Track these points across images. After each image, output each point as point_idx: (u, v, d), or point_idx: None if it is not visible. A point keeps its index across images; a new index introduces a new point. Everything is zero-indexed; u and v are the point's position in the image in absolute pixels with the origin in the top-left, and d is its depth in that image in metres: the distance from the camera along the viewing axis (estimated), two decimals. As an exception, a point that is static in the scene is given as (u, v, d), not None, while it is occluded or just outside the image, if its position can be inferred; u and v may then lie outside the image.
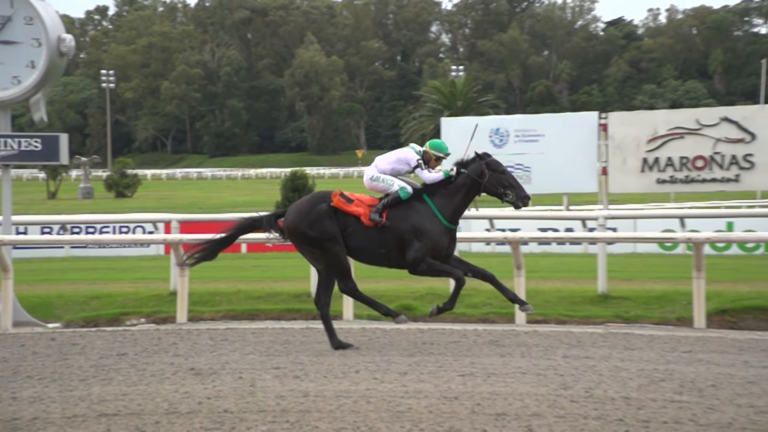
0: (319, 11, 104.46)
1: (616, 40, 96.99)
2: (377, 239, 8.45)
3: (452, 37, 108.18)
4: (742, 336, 9.16)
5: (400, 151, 8.89)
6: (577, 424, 5.61)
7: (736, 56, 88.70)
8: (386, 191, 8.62)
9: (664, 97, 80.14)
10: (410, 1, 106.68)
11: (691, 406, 5.99)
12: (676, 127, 13.38)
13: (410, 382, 6.92)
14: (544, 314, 10.95)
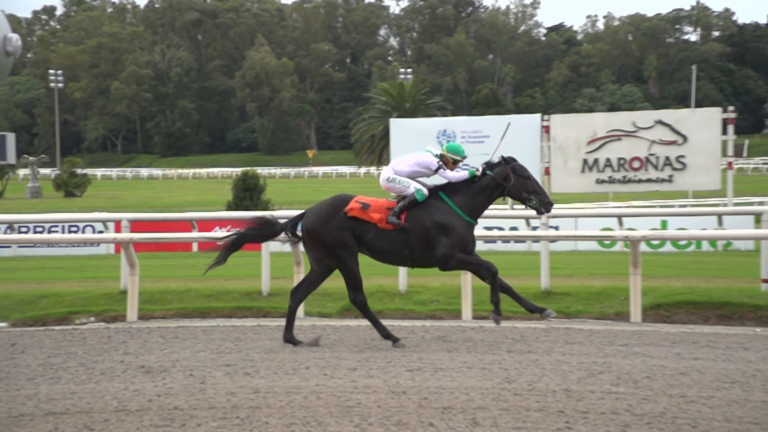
0: (269, 14, 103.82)
1: (557, 45, 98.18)
2: (400, 241, 8.37)
3: (400, 40, 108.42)
4: (675, 329, 9.34)
5: (418, 155, 8.81)
6: (520, 416, 5.66)
7: (669, 62, 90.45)
8: (402, 193, 8.57)
9: (602, 100, 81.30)
10: (359, 5, 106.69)
11: (627, 397, 6.09)
12: (614, 130, 13.63)
13: (359, 378, 6.92)
14: (488, 309, 11.01)
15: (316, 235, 8.40)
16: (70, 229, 20.99)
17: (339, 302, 11.44)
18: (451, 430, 5.42)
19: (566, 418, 5.58)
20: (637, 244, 10.33)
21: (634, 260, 10.17)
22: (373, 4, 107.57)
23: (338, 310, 11.12)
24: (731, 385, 6.44)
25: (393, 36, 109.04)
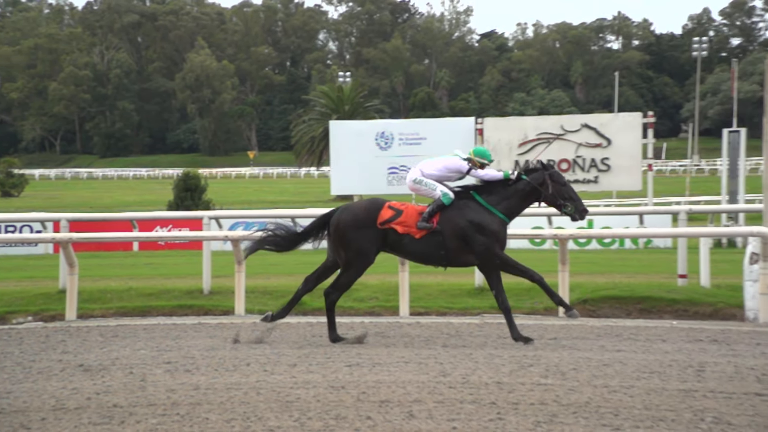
0: (209, 17, 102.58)
1: (489, 51, 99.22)
2: (435, 243, 8.25)
3: (339, 44, 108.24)
4: (600, 323, 9.53)
5: (446, 159, 8.72)
6: (454, 408, 5.70)
7: (594, 68, 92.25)
8: (428, 195, 8.51)
9: (532, 104, 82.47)
10: (298, 10, 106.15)
11: (555, 388, 6.17)
12: (543, 133, 13.81)
13: (299, 374, 6.89)
14: (425, 306, 11.10)
15: (344, 236, 8.29)
16: (7, 228, 20.42)
17: (279, 300, 11.37)
18: (388, 422, 5.43)
19: (498, 409, 5.64)
20: (565, 242, 10.51)
21: (562, 258, 10.34)
22: (312, 9, 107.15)
23: (278, 308, 11.04)
24: (650, 375, 6.58)
25: (332, 40, 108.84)
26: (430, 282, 12.33)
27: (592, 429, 5.17)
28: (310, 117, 53.98)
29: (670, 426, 5.21)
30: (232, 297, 10.72)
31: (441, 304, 11.26)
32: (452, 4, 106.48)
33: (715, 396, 5.89)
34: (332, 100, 52.78)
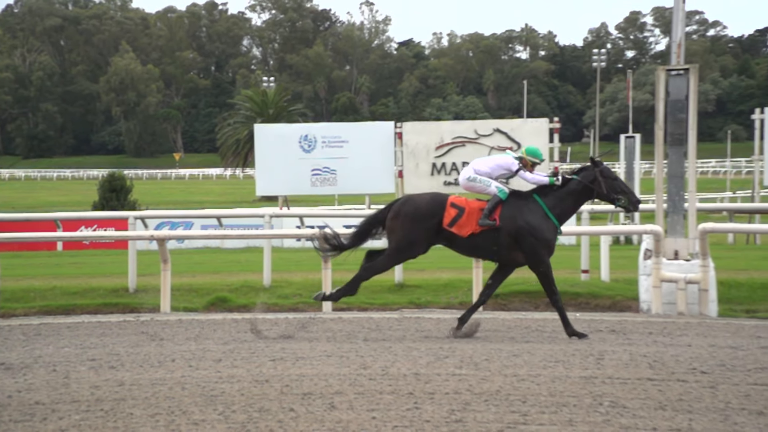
0: (133, 22, 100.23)
1: (407, 58, 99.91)
2: (491, 238, 8.13)
3: (263, 50, 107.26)
4: (510, 316, 9.69)
5: (498, 156, 8.63)
6: (373, 399, 5.71)
7: (504, 76, 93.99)
8: (483, 191, 8.38)
9: (448, 110, 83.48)
10: (222, 16, 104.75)
11: (469, 378, 6.24)
12: (458, 137, 13.95)
13: (224, 368, 6.79)
14: (347, 302, 11.07)
15: (401, 225, 8.17)
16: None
17: (205, 297, 11.23)
18: (310, 414, 5.41)
19: (415, 399, 5.68)
20: (478, 241, 10.63)
21: (476, 255, 10.46)
22: (236, 15, 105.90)
23: (204, 305, 10.90)
24: (555, 363, 6.71)
25: (256, 46, 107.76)
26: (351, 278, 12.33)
27: (502, 416, 5.25)
28: (235, 120, 53.30)
29: (572, 411, 5.33)
30: (158, 295, 10.51)
31: (362, 300, 11.26)
32: (371, 14, 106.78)
33: (613, 382, 6.05)
34: (257, 104, 52.25)
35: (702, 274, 9.75)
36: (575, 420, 5.12)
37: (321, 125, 17.02)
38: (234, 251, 17.72)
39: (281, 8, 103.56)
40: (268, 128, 18.29)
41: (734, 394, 5.63)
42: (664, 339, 7.87)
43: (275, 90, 56.46)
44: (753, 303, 10.23)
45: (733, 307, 10.11)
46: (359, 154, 13.94)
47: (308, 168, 14.52)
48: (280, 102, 52.90)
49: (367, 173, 14.05)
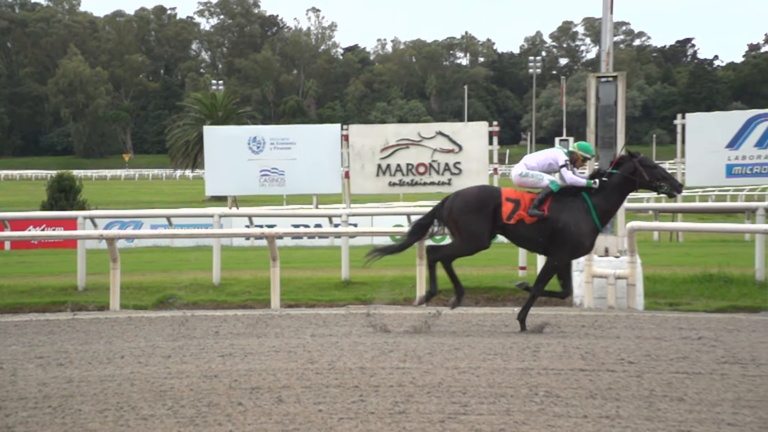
0: (81, 25, 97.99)
1: (353, 63, 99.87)
2: (538, 229, 8.08)
3: (211, 54, 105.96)
4: (452, 312, 9.66)
5: (549, 151, 8.53)
6: (320, 392, 5.70)
7: (446, 82, 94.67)
8: (536, 185, 8.27)
9: (393, 113, 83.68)
10: (171, 21, 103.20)
11: (412, 371, 6.26)
12: (403, 139, 14.00)
13: (173, 364, 6.70)
14: (295, 299, 11.04)
15: (457, 221, 8.19)
16: None
17: (155, 295, 11.05)
18: (259, 407, 5.37)
19: (360, 392, 5.68)
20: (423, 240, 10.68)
21: (419, 253, 10.47)
22: (184, 20, 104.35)
23: (153, 303, 10.73)
24: (494, 356, 6.77)
25: (204, 50, 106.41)
26: (300, 276, 12.29)
27: (443, 406, 5.28)
28: (184, 122, 52.56)
29: (510, 401, 5.40)
30: (107, 293, 10.30)
31: (310, 296, 11.23)
32: (318, 20, 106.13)
33: (547, 373, 6.14)
34: (206, 106, 51.62)
35: (630, 270, 9.95)
36: (512, 409, 5.18)
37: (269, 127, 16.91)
38: (183, 250, 17.47)
39: (229, 13, 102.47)
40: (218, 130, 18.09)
41: (658, 383, 5.78)
42: (595, 332, 8.01)
43: (224, 93, 55.89)
44: (676, 297, 10.49)
45: (658, 301, 10.35)
46: (307, 156, 13.88)
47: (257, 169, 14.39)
48: (229, 104, 52.38)
49: (315, 174, 13.99)
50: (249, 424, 5.00)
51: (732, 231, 14.69)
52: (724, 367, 6.25)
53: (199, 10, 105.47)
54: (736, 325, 8.19)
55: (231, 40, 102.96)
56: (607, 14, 10.95)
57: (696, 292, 10.62)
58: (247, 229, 16.87)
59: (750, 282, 10.72)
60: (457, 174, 13.79)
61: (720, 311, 9.70)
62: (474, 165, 13.90)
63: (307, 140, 14.30)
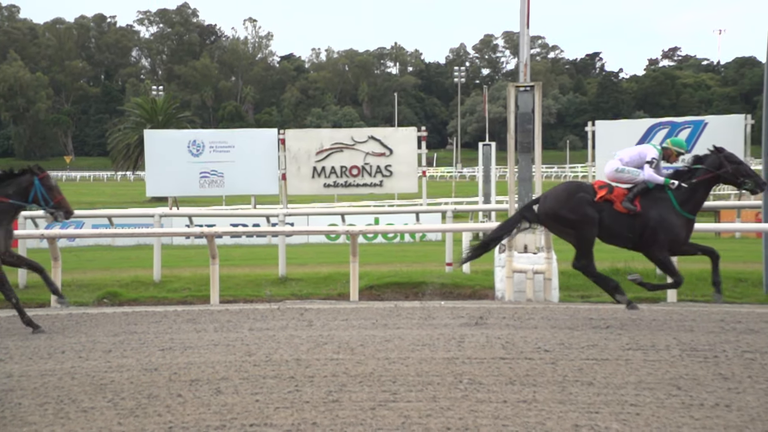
0: (20, 32, 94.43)
1: (289, 71, 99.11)
2: (627, 224, 7.82)
3: (151, 61, 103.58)
4: (384, 305, 9.72)
5: (642, 146, 8.26)
6: (257, 384, 5.64)
7: (377, 89, 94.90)
8: (631, 181, 7.97)
9: (327, 118, 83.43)
10: (111, 28, 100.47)
11: (345, 362, 6.24)
12: (337, 143, 13.99)
13: (114, 359, 6.53)
14: (234, 295, 10.90)
15: (557, 216, 7.95)
16: None
17: (95, 292, 10.76)
18: (198, 398, 5.28)
19: (296, 383, 5.64)
20: (355, 237, 10.70)
21: (353, 250, 10.50)
22: (124, 28, 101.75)
23: (95, 300, 10.44)
24: (422, 347, 6.79)
25: (144, 57, 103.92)
26: (238, 273, 12.15)
27: (374, 395, 5.30)
28: (125, 126, 51.30)
29: (436, 388, 5.44)
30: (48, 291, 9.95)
31: (248, 292, 11.11)
32: (255, 29, 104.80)
33: (471, 362, 6.19)
34: (146, 111, 50.49)
35: (546, 265, 10.16)
36: (438, 396, 5.23)
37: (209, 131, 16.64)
38: (125, 249, 17.06)
39: (168, 22, 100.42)
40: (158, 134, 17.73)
41: (570, 369, 5.91)
42: (515, 323, 8.12)
43: (164, 98, 54.77)
44: (587, 290, 10.74)
45: (571, 294, 10.59)
46: (245, 159, 13.76)
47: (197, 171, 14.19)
48: (169, 109, 51.36)
49: (253, 176, 13.88)
50: (188, 415, 4.91)
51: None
52: (628, 353, 6.42)
53: (138, 19, 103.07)
54: (638, 315, 8.43)
55: (170, 47, 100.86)
56: (524, 29, 11.16)
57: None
58: (187, 228, 16.57)
59: (651, 275, 11.07)
60: (388, 176, 13.86)
61: (626, 302, 9.98)
62: (404, 168, 13.99)
63: (246, 144, 14.17)
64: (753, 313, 8.60)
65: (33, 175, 8.12)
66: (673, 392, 5.19)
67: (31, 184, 8.06)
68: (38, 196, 8.03)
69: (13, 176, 8.09)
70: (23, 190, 8.02)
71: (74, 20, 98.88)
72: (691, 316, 8.31)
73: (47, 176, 8.20)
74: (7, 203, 7.93)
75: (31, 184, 8.06)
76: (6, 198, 7.92)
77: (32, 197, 8.03)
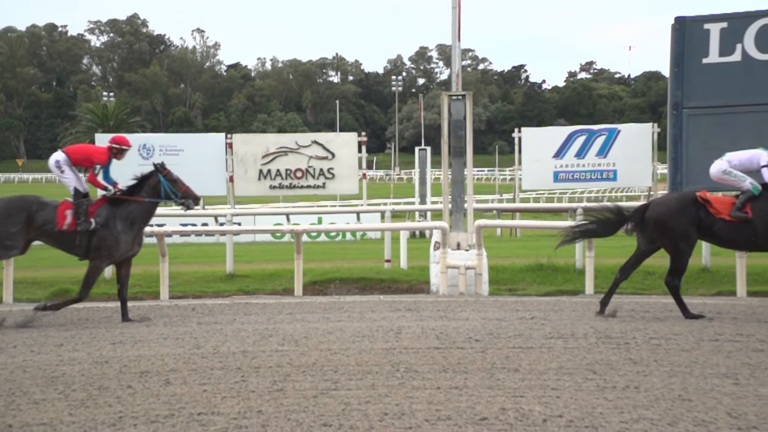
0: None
1: (235, 79, 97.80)
2: (745, 230, 7.51)
3: (102, 68, 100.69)
4: (326, 300, 9.71)
5: (752, 151, 7.81)
6: (205, 375, 5.55)
7: (320, 97, 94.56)
8: (735, 185, 7.69)
9: (272, 124, 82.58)
10: (62, 37, 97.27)
11: (289, 353, 6.19)
12: (282, 147, 13.91)
13: (65, 352, 6.32)
14: (183, 291, 10.71)
15: (665, 225, 7.56)
16: None
17: (47, 289, 10.42)
18: (147, 389, 5.16)
19: (242, 373, 5.57)
20: (300, 236, 10.65)
21: (297, 248, 10.45)
22: (75, 37, 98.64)
23: (47, 296, 10.10)
24: (362, 338, 6.78)
25: (95, 65, 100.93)
26: (188, 270, 11.94)
27: (317, 383, 5.27)
28: (77, 130, 49.90)
29: (375, 377, 5.43)
30: (0, 287, 9.60)
31: (197, 288, 10.93)
32: (203, 39, 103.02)
33: (408, 351, 6.20)
34: (98, 116, 49.29)
35: (477, 261, 10.29)
36: (377, 384, 5.23)
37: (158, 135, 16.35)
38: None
39: (119, 32, 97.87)
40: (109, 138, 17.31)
41: (498, 357, 5.98)
42: (448, 315, 8.18)
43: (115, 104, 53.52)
44: (514, 283, 10.95)
45: (500, 287, 10.75)
46: (194, 161, 13.57)
47: (147, 173, 13.91)
48: (120, 114, 50.22)
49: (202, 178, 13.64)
50: (138, 405, 4.79)
51: (558, 227, 15.48)
52: (551, 341, 6.54)
53: (89, 28, 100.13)
54: (560, 306, 8.62)
55: (121, 56, 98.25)
56: (455, 42, 11.30)
57: (530, 279, 11.13)
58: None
59: (572, 270, 11.35)
60: (330, 178, 13.84)
61: (548, 295, 10.21)
62: (345, 170, 14.00)
63: (195, 147, 13.97)
64: (659, 303, 8.88)
65: (158, 173, 8.18)
66: (589, 376, 5.32)
67: (158, 182, 8.16)
68: (167, 191, 8.12)
69: (144, 179, 8.22)
70: (153, 189, 8.15)
71: (26, 29, 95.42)
72: (606, 306, 8.53)
73: (169, 171, 8.28)
74: (145, 203, 8.13)
75: (158, 182, 8.16)
76: (142, 199, 8.11)
77: (163, 193, 8.14)
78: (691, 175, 10.33)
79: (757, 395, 4.80)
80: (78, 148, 8.79)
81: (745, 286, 9.63)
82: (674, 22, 10.47)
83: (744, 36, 10.09)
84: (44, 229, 7.97)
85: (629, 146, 13.84)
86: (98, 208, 8.12)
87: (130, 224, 8.05)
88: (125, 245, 8.04)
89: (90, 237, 8.00)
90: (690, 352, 6.01)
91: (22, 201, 8.08)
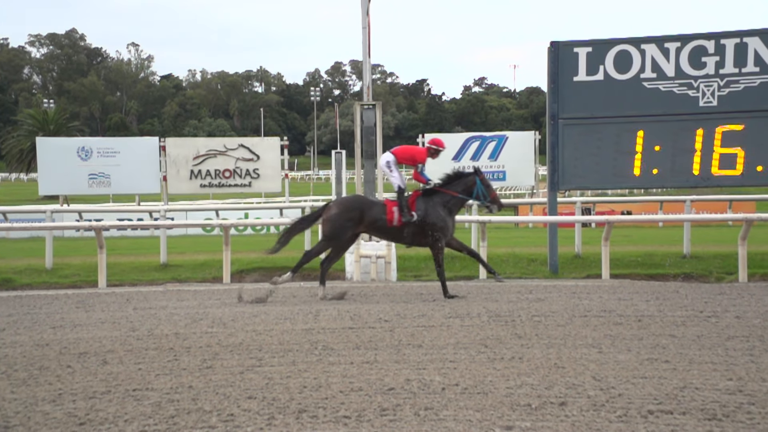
0: None
1: (168, 88, 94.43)
2: None
3: (43, 78, 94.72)
4: (251, 286, 9.46)
5: None
6: (140, 355, 5.34)
7: (246, 105, 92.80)
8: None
9: (203, 129, 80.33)
10: (3, 49, 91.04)
11: (218, 335, 6.04)
12: (211, 150, 13.56)
13: (7, 336, 5.93)
14: (120, 280, 10.25)
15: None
16: None
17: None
18: (86, 369, 4.90)
19: (175, 353, 5.39)
20: (228, 230, 10.40)
21: (226, 241, 10.22)
22: (17, 49, 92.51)
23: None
24: (284, 320, 6.68)
25: (36, 74, 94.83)
26: (123, 261, 11.43)
27: (243, 361, 5.16)
28: (18, 134, 46.67)
29: (296, 354, 5.37)
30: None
31: (133, 277, 10.48)
32: (137, 52, 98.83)
33: (325, 331, 6.17)
34: (38, 121, 46.32)
35: (387, 251, 10.36)
36: (297, 361, 5.18)
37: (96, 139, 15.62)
38: (19, 241, 15.53)
39: (58, 45, 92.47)
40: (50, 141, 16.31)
41: (404, 335, 6.03)
42: (361, 299, 8.18)
43: (55, 110, 50.50)
44: (419, 271, 11.07)
45: (407, 274, 10.84)
46: (130, 163, 13.10)
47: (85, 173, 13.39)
48: (59, 120, 47.38)
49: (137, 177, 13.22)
50: (77, 383, 4.55)
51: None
52: (450, 320, 6.64)
53: (30, 41, 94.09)
54: (458, 290, 8.79)
55: (60, 66, 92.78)
56: (366, 58, 11.33)
57: (432, 267, 11.27)
58: (77, 222, 15.36)
59: (467, 258, 11.60)
60: (256, 178, 13.61)
61: (448, 280, 10.36)
62: (269, 171, 13.80)
63: (130, 150, 13.50)
64: (540, 285, 9.20)
65: (476, 176, 8.06)
66: (481, 350, 5.45)
67: (474, 183, 8.06)
68: (479, 193, 8.04)
69: (460, 177, 8.12)
70: (468, 188, 8.07)
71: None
72: (497, 289, 8.76)
73: (484, 177, 8.21)
74: (457, 197, 8.04)
75: (474, 183, 8.06)
76: (456, 193, 8.00)
77: (474, 194, 8.04)
78: (566, 176, 10.75)
79: (616, 361, 5.06)
80: (404, 150, 8.50)
81: (608, 270, 10.11)
82: (550, 45, 10.86)
83: (605, 59, 10.57)
84: (376, 225, 8.01)
85: (516, 151, 14.31)
86: (415, 201, 8.03)
87: (448, 212, 8.02)
88: (452, 228, 8.04)
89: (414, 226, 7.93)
90: (564, 327, 6.26)
91: (356, 201, 8.18)
